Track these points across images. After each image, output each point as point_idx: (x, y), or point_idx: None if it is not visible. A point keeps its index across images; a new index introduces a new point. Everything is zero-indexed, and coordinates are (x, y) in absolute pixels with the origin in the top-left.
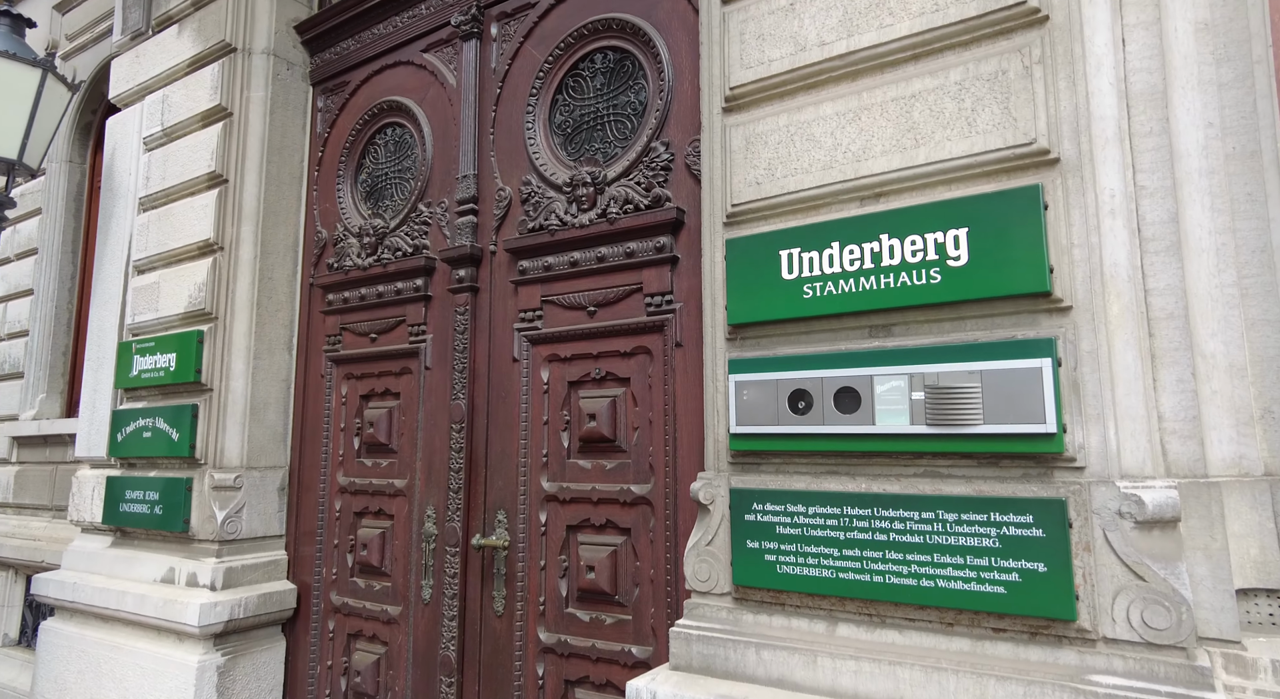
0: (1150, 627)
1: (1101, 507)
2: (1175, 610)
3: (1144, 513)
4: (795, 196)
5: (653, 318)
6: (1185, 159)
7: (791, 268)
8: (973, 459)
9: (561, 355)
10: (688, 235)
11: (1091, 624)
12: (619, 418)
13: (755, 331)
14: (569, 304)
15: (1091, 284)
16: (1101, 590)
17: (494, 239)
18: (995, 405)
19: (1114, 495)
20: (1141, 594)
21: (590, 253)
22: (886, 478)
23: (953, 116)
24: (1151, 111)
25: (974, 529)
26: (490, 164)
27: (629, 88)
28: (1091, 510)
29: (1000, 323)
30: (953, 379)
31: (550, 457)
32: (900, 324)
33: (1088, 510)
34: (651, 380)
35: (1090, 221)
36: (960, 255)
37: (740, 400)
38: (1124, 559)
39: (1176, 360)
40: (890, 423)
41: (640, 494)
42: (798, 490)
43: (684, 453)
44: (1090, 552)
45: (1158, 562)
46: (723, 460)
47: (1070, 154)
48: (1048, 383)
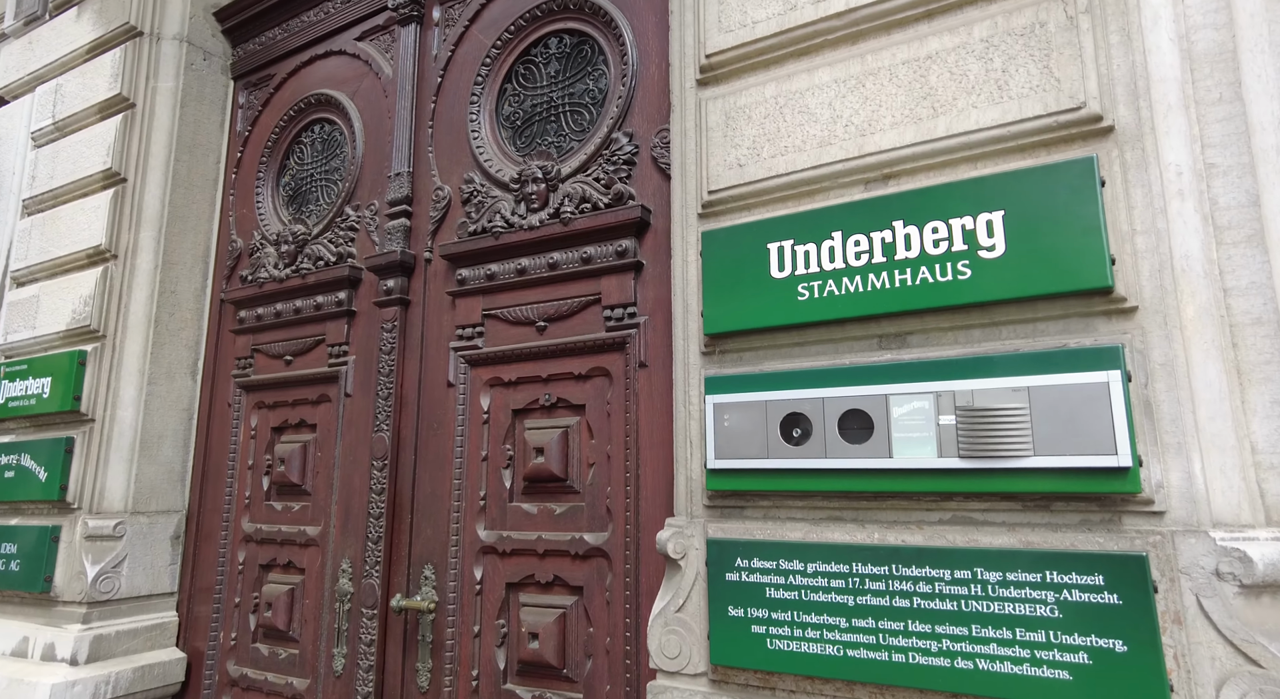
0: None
1: (1192, 565)
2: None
3: (1251, 574)
4: (786, 179)
5: (613, 333)
6: (1261, 133)
7: (783, 264)
8: (1015, 501)
9: (505, 379)
10: (654, 238)
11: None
12: (571, 452)
13: (738, 343)
14: (515, 318)
15: (1161, 279)
16: (1200, 678)
17: (429, 245)
18: (1049, 432)
19: (1208, 549)
20: (1258, 685)
21: (540, 259)
22: (905, 526)
23: (979, 80)
24: (1220, 75)
25: (1024, 593)
26: (428, 161)
27: (588, 74)
28: (1178, 569)
29: (1045, 329)
30: (992, 398)
31: (489, 499)
32: (918, 331)
33: (1173, 569)
34: (610, 407)
35: (1156, 204)
36: (995, 244)
37: (720, 427)
38: (1228, 636)
39: (1269, 377)
40: (912, 455)
41: (595, 545)
42: (792, 542)
43: (649, 494)
44: (1180, 625)
45: (1275, 640)
46: (697, 503)
47: (1128, 122)
48: (1117, 402)
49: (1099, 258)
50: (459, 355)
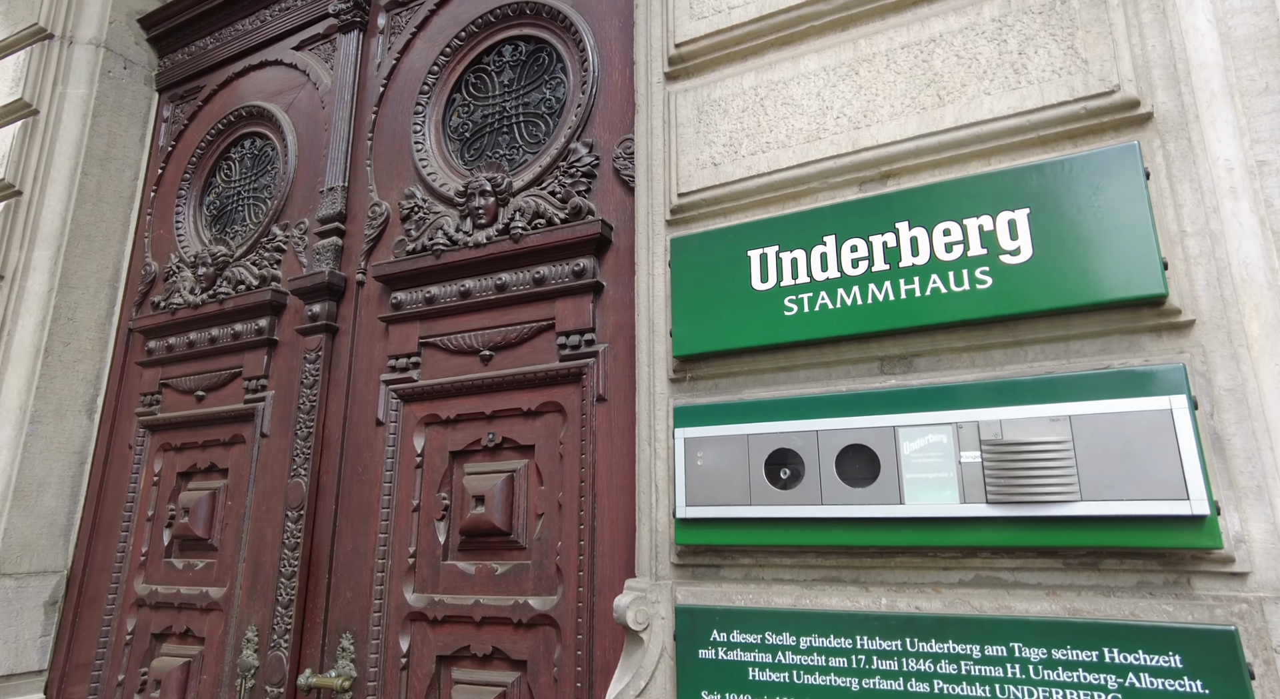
0: None
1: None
2: None
3: None
4: (768, 180)
5: (568, 364)
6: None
7: (766, 274)
8: (1054, 558)
9: (442, 416)
10: (616, 257)
11: None
12: (517, 501)
13: (712, 367)
14: (456, 347)
15: (1220, 289)
16: None
17: (362, 266)
18: (1099, 471)
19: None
20: None
21: (487, 280)
22: (919, 589)
23: (991, 63)
24: (1264, 63)
25: (1077, 677)
26: (365, 175)
27: (544, 83)
28: (1273, 649)
29: (1080, 349)
30: (1026, 430)
31: (419, 557)
32: (927, 353)
33: (1266, 649)
34: (564, 448)
35: (1207, 202)
36: (1019, 247)
37: (692, 467)
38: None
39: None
40: (928, 501)
41: (542, 611)
42: (781, 611)
43: (606, 550)
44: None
45: None
46: (663, 561)
47: (1168, 109)
48: (1185, 434)
49: (1148, 261)
50: (391, 389)
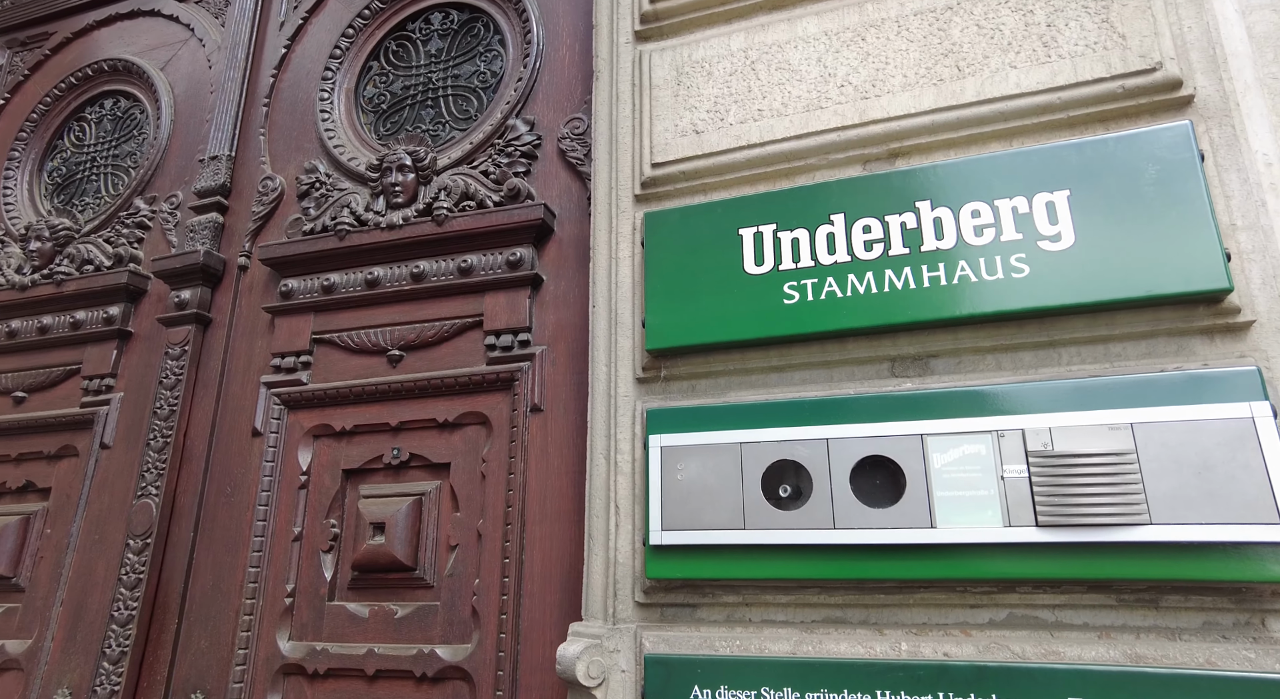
0: None
1: None
2: None
3: None
4: (760, 151)
5: (497, 367)
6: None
7: (761, 256)
8: (1104, 593)
9: (336, 427)
10: (559, 249)
11: None
12: (425, 530)
13: (692, 365)
14: (359, 345)
15: (1275, 288)
16: None
17: (247, 247)
18: (1171, 489)
19: None
20: None
21: (401, 268)
22: (944, 631)
23: (1016, 34)
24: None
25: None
26: (257, 145)
27: (479, 55)
28: None
29: (1122, 352)
30: (1082, 439)
31: (299, 596)
32: (948, 353)
33: None
34: (487, 467)
35: (1254, 195)
36: (1060, 233)
37: (671, 483)
38: None
39: None
40: (965, 524)
41: (452, 661)
42: (779, 660)
43: (535, 588)
44: None
45: None
46: (624, 601)
47: (1210, 93)
48: (1271, 446)
49: (1209, 251)
50: (273, 393)
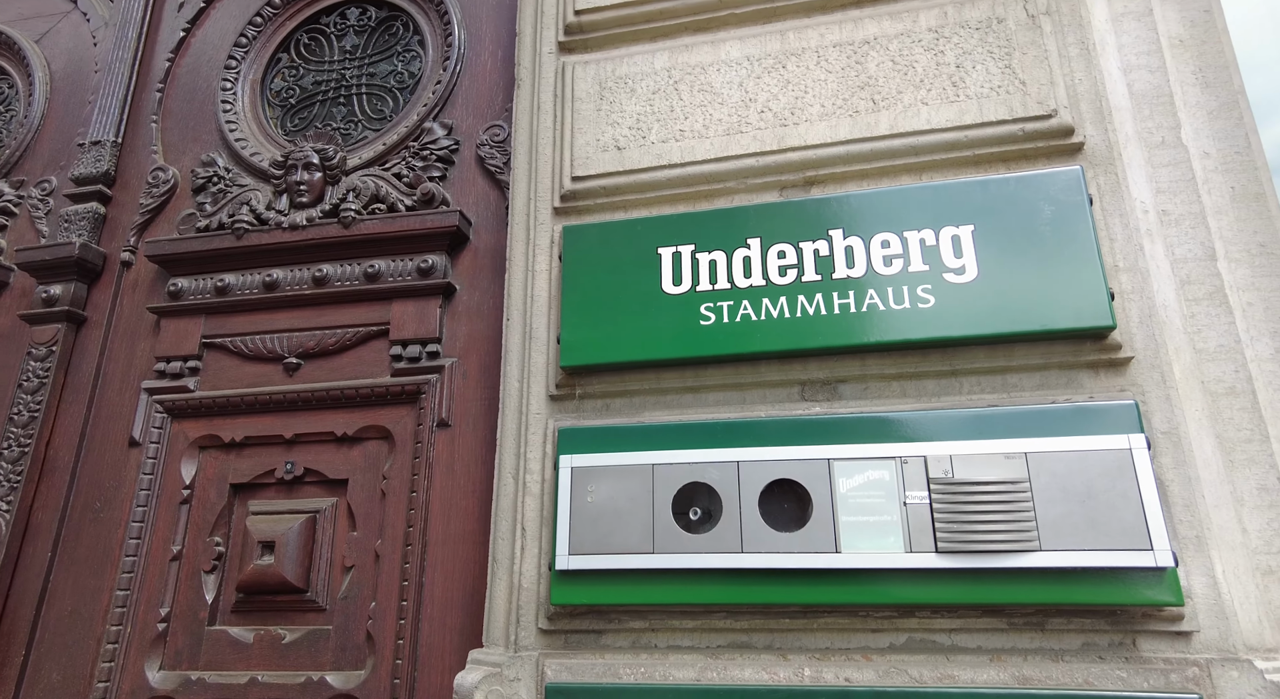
0: None
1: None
2: None
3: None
4: (681, 172)
5: (403, 379)
6: (1205, 184)
7: (679, 276)
8: (997, 617)
9: (225, 438)
10: (474, 259)
11: None
12: (319, 550)
13: (607, 383)
14: (253, 351)
15: (1151, 328)
16: None
17: (132, 241)
18: (1059, 516)
19: (1256, 687)
20: None
21: (303, 271)
22: (845, 656)
23: (929, 73)
24: (1160, 117)
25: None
26: (148, 133)
27: (396, 54)
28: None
29: (1018, 383)
30: (981, 467)
31: (176, 621)
32: (855, 379)
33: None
34: (388, 484)
35: (1134, 239)
36: (964, 266)
37: (581, 505)
38: None
39: (1252, 458)
40: (869, 549)
41: (343, 689)
42: (684, 688)
43: (436, 612)
44: None
45: None
46: (527, 627)
47: (1097, 142)
48: (1145, 476)
49: (1095, 290)
50: (155, 401)
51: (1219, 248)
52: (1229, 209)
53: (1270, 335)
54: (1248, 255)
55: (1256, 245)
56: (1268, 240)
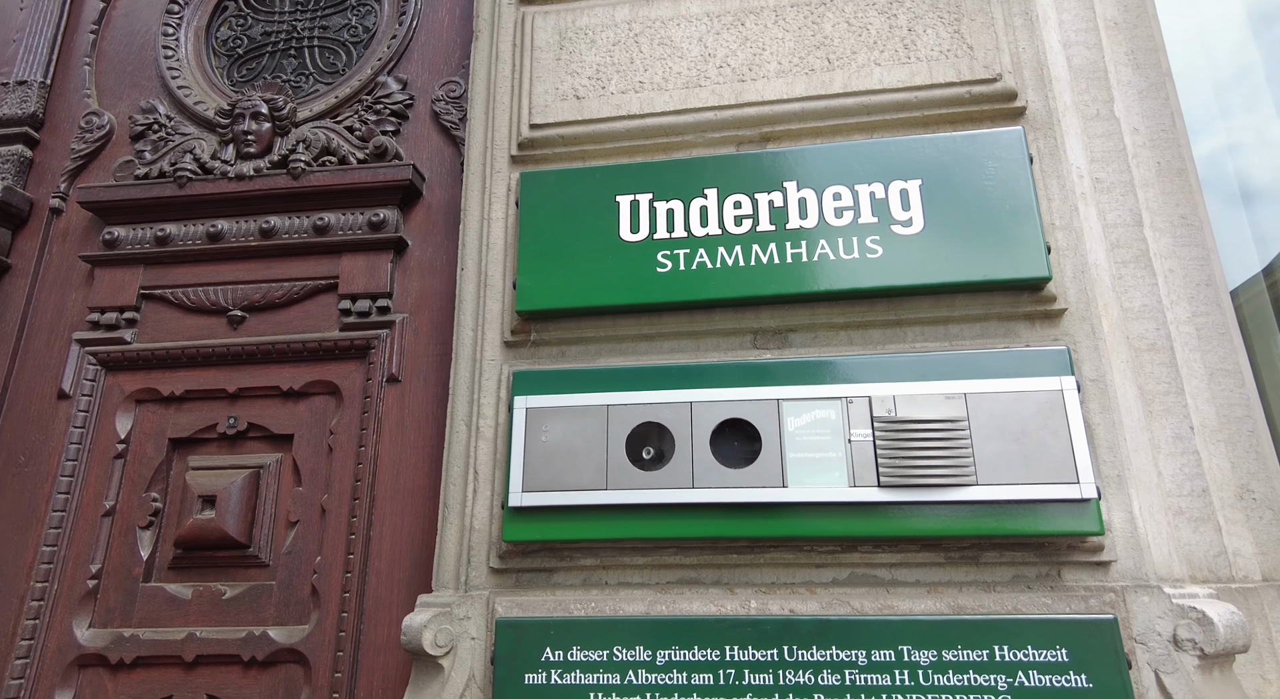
0: None
1: (1147, 631)
2: None
3: (1214, 640)
4: (640, 124)
5: (352, 334)
6: (1134, 157)
7: (637, 224)
8: (935, 552)
9: (165, 392)
10: (427, 215)
11: None
12: (262, 505)
13: (563, 330)
14: (195, 303)
15: (1083, 283)
16: None
17: (62, 187)
18: (995, 453)
19: (1164, 610)
20: None
21: (249, 223)
22: (790, 590)
23: (882, 35)
24: (1095, 91)
25: (967, 679)
26: (81, 76)
27: (351, 8)
28: (1133, 638)
29: (960, 333)
30: (922, 406)
31: (108, 577)
32: (805, 328)
33: (1129, 638)
34: (336, 439)
35: (1069, 200)
36: (911, 218)
37: (535, 444)
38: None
39: (1169, 409)
40: (815, 484)
41: (286, 644)
42: (633, 619)
43: (384, 566)
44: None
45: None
46: (478, 568)
47: (1038, 108)
48: (1074, 415)
49: (1034, 243)
50: (88, 352)
51: (1145, 217)
52: (1155, 182)
53: (1188, 300)
54: (1170, 225)
55: (1178, 217)
56: (1188, 213)
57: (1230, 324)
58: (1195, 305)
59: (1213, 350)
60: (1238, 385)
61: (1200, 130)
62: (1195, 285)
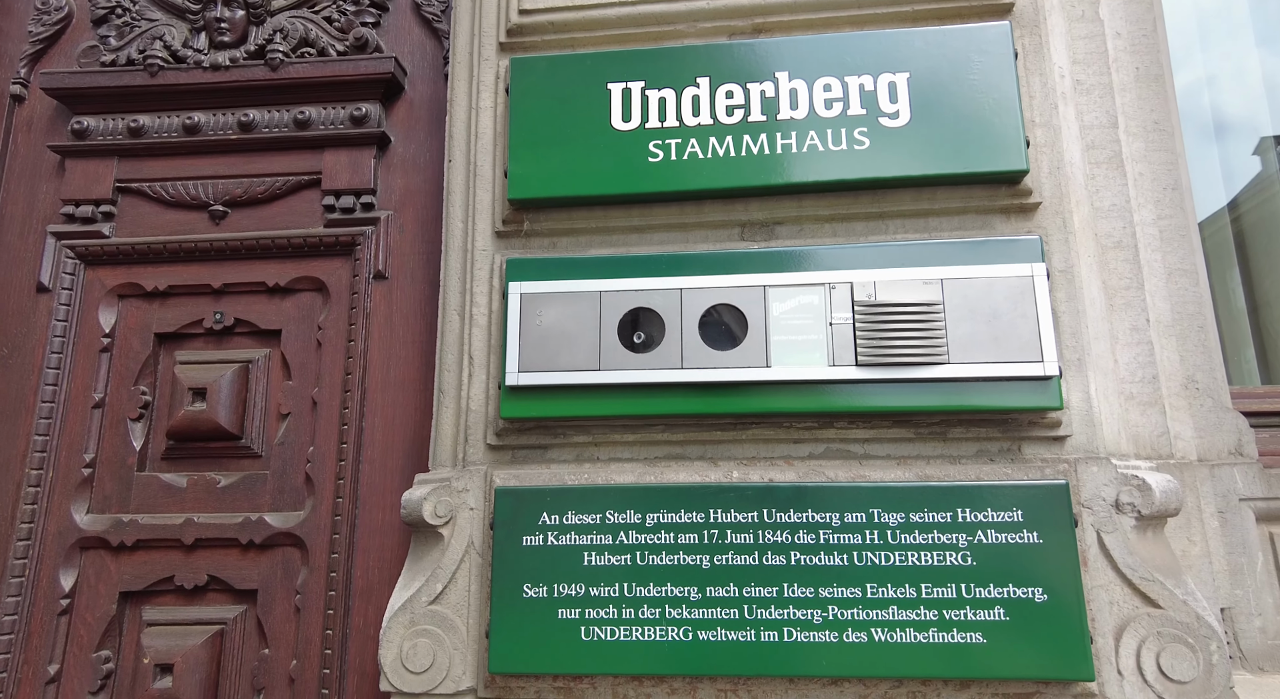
0: (1171, 679)
1: (1094, 497)
2: (1203, 649)
3: (1151, 503)
4: (633, 11)
5: (337, 230)
6: (1115, 61)
7: (629, 113)
8: (906, 427)
9: (147, 287)
10: (409, 110)
11: (1097, 684)
12: (253, 398)
13: (554, 220)
14: (175, 197)
15: (1058, 179)
16: (1101, 626)
17: (23, 73)
18: (967, 334)
19: (1109, 478)
20: (1156, 628)
21: (227, 116)
22: (769, 462)
23: None
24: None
25: (932, 538)
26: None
27: None
28: (1081, 503)
29: (939, 225)
30: (900, 291)
31: (102, 466)
32: (792, 220)
33: (1077, 503)
34: (324, 335)
35: (1049, 98)
36: (899, 111)
37: (530, 327)
38: (1128, 575)
39: (1129, 302)
40: (796, 364)
41: (282, 528)
42: (625, 486)
43: (376, 455)
44: (1085, 567)
45: (1168, 577)
46: (476, 445)
47: (1025, 6)
48: (1043, 300)
49: (1014, 137)
50: (65, 246)
51: (1121, 121)
52: (1132, 87)
53: (1154, 203)
54: (1143, 130)
55: (1151, 122)
56: (1161, 119)
57: (1191, 227)
58: (1160, 208)
59: (1173, 251)
60: (1193, 284)
61: (1180, 63)
62: (1162, 189)
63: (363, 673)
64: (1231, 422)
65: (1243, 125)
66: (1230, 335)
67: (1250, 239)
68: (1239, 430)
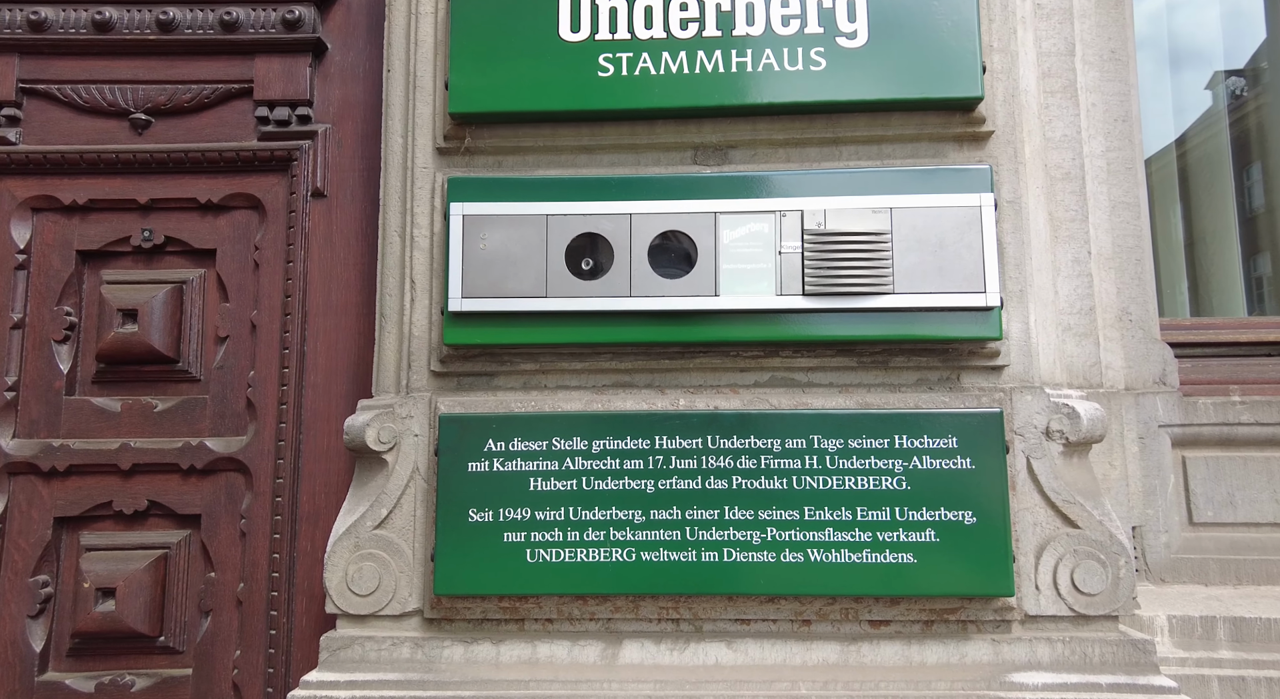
0: (1082, 592)
1: (1026, 424)
2: (1112, 565)
3: (1078, 430)
4: None
5: (271, 144)
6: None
7: (578, 23)
8: (850, 357)
9: (65, 200)
10: (346, 15)
11: (1016, 599)
12: (188, 321)
13: (499, 137)
14: (89, 103)
15: (1012, 108)
16: (1024, 546)
17: None
18: (913, 264)
19: (1042, 407)
20: (1073, 546)
21: (143, 12)
22: (715, 391)
23: None
24: None
25: (869, 463)
26: None
27: None
28: (1013, 430)
29: (892, 152)
30: (849, 220)
31: (26, 390)
32: (745, 144)
33: (1010, 430)
34: (261, 255)
35: (1009, 23)
36: (856, 31)
37: (473, 252)
38: (1051, 498)
39: (1073, 235)
40: (744, 293)
41: (225, 453)
42: (572, 413)
43: (320, 379)
44: (1013, 490)
45: (1088, 499)
46: (419, 371)
47: None
48: (989, 231)
49: (971, 63)
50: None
51: (1078, 49)
52: (1092, 13)
53: (1104, 135)
54: (1099, 59)
55: (1108, 51)
56: (1118, 48)
57: (1138, 160)
58: (1110, 140)
59: (1119, 184)
60: (1134, 217)
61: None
62: (1113, 120)
63: (311, 595)
64: (1158, 352)
65: (1199, 56)
66: (1167, 269)
67: (1194, 174)
68: (1164, 360)
